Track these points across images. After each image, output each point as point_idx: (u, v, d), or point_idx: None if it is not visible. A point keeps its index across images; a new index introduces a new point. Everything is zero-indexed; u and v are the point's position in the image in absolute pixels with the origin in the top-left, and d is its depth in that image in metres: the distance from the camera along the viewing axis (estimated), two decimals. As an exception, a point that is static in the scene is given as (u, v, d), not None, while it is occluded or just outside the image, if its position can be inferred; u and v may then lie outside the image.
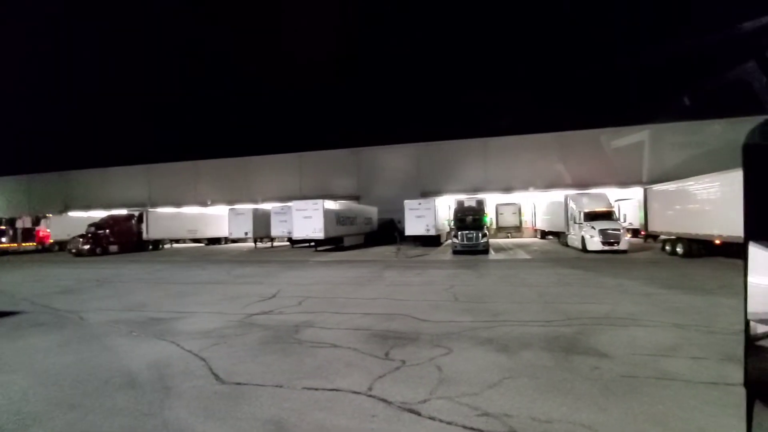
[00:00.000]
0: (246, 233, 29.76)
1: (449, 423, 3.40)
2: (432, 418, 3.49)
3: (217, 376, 4.59)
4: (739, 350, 4.80)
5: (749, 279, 0.59)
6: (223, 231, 33.65)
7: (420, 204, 25.03)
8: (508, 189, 31.74)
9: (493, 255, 19.46)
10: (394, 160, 34.11)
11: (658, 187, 19.66)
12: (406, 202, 25.16)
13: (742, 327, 4.12)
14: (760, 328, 0.59)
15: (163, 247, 31.54)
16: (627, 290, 9.42)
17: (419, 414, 3.57)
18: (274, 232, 28.41)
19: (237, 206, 32.61)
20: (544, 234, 29.37)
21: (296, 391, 4.13)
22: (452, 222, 22.17)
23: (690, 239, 16.26)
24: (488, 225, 23.33)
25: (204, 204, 37.92)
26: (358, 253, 22.71)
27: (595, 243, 18.53)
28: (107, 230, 26.96)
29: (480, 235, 19.85)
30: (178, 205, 37.77)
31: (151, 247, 29.85)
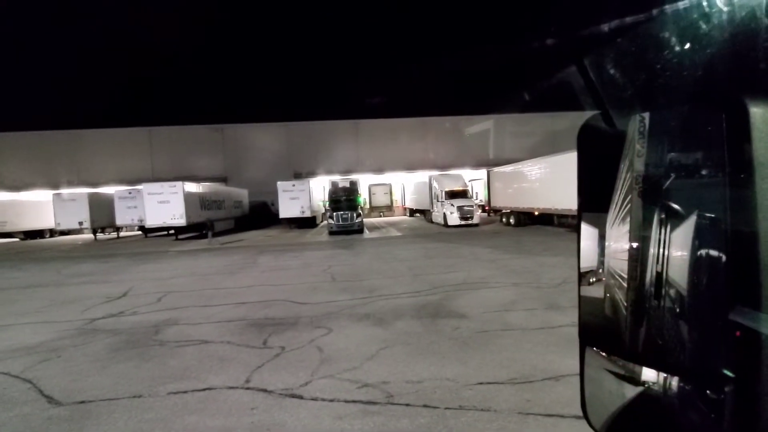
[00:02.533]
0: (80, 223, 24.79)
1: (331, 400, 3.49)
2: (314, 399, 3.52)
3: (50, 398, 3.78)
4: (560, 300, 6.01)
5: (581, 243, 0.72)
6: (46, 221, 27.31)
7: (294, 186, 24.40)
8: (379, 170, 33.21)
9: (367, 234, 20.29)
10: (264, 139, 32.35)
11: (497, 169, 23.48)
12: (279, 183, 24.23)
13: (562, 282, 5.12)
14: (587, 283, 0.73)
15: (-48, 245, 24.11)
16: (479, 258, 10.91)
17: (301, 397, 3.57)
18: (120, 220, 24.33)
19: (66, 190, 26.79)
20: (412, 212, 31.80)
21: (160, 399, 3.69)
22: (327, 203, 22.28)
23: (519, 212, 20.34)
24: (362, 205, 24.15)
25: (13, 189, 30.04)
26: (227, 239, 21.09)
27: (454, 218, 20.88)
28: None
29: (354, 215, 20.44)
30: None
31: (-69, 246, 22.51)
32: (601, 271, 0.71)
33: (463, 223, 20.78)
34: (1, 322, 6.64)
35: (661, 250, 0.58)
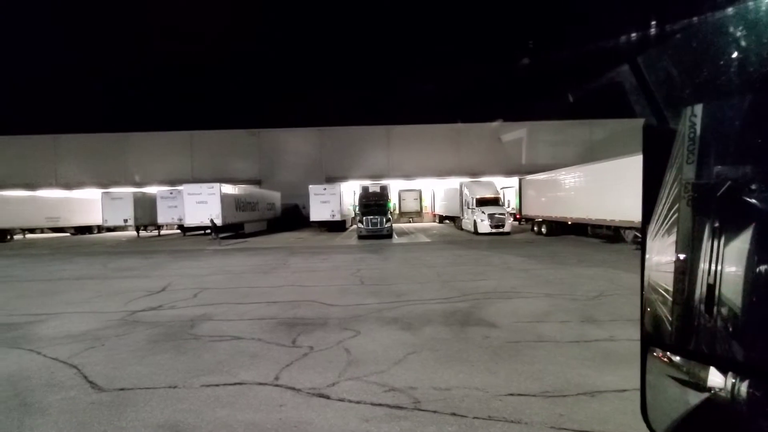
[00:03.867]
0: (125, 220, 26.21)
1: (358, 402, 3.49)
2: (341, 400, 3.53)
3: (94, 384, 4.00)
4: (596, 313, 5.77)
5: (646, 255, 0.68)
6: (95, 218, 29.10)
7: (325, 189, 24.80)
8: (409, 176, 33.19)
9: (396, 239, 20.29)
10: (298, 143, 33.09)
11: (530, 177, 22.96)
12: (311, 187, 24.70)
13: (599, 294, 4.95)
14: (649, 293, 0.69)
15: (11, 238, 26.05)
16: (510, 267, 10.65)
17: (328, 397, 3.59)
18: (162, 218, 25.54)
19: (113, 189, 28.43)
20: (442, 218, 31.54)
21: (194, 390, 3.82)
22: (357, 207, 22.48)
23: (551, 221, 19.73)
24: (392, 210, 24.19)
25: (67, 187, 32.16)
26: (260, 240, 21.68)
27: (485, 226, 20.51)
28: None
29: (384, 220, 20.50)
30: (33, 187, 31.42)
31: (-5, 238, 24.39)
32: (664, 275, 0.67)
33: (493, 231, 20.38)
34: (53, 310, 7.11)
35: (716, 263, 0.55)
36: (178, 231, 27.77)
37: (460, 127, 32.89)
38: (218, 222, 21.03)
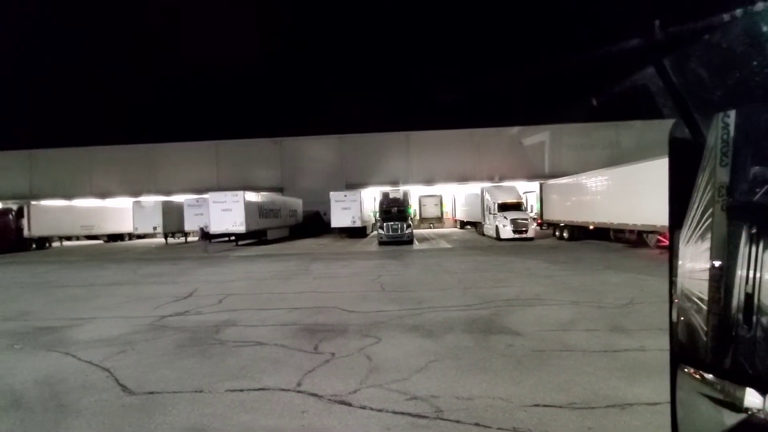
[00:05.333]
0: (154, 228, 27.15)
1: (380, 410, 3.47)
2: (363, 408, 3.53)
3: (125, 387, 4.14)
4: (625, 322, 5.57)
5: (678, 262, 0.66)
6: (126, 226, 30.24)
7: (346, 196, 25.01)
8: (429, 181, 33.10)
9: (417, 245, 20.20)
10: (319, 151, 33.58)
11: (551, 182, 22.58)
12: (331, 194, 24.96)
13: (628, 302, 4.77)
14: (683, 301, 0.66)
15: (50, 245, 27.38)
16: (533, 273, 10.42)
17: (350, 405, 3.59)
18: (188, 226, 26.32)
19: (143, 198, 29.51)
20: (463, 224, 31.21)
21: (219, 395, 3.90)
22: (378, 214, 22.55)
23: (573, 226, 19.43)
24: (412, 216, 24.15)
25: (100, 196, 33.62)
26: (282, 246, 22.01)
27: (507, 231, 20.18)
28: (-27, 227, 22.66)
29: (405, 226, 20.46)
30: (69, 197, 33.01)
31: (35, 246, 25.66)
32: (697, 284, 0.64)
33: (516, 236, 20.02)
34: (87, 315, 7.41)
35: (754, 270, 0.52)
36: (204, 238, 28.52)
37: (481, 132, 32.62)
38: (242, 229, 21.47)
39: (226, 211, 21.60)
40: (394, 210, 21.53)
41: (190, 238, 29.77)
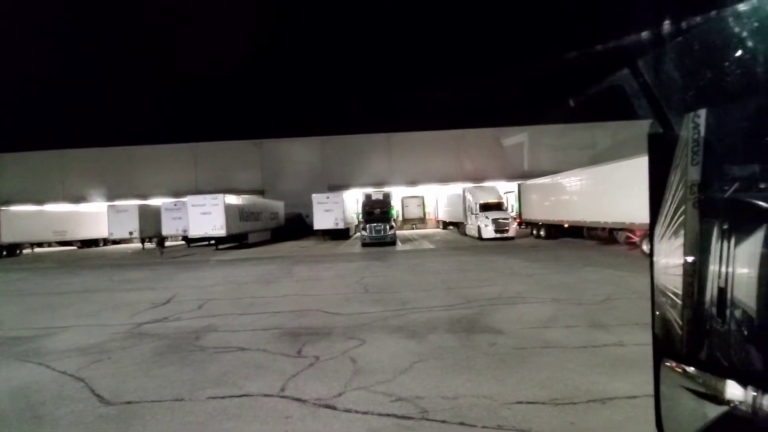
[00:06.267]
0: (131, 233, 26.36)
1: (365, 413, 3.46)
2: (348, 411, 3.51)
3: (101, 398, 3.99)
4: (604, 318, 5.70)
5: (654, 258, 0.67)
6: (101, 231, 29.28)
7: (328, 198, 24.87)
8: (412, 182, 33.24)
9: (400, 246, 20.25)
10: (300, 153, 33.30)
11: (529, 182, 23.13)
12: (314, 196, 24.79)
13: (606, 298, 4.89)
14: (660, 297, 0.67)
15: (21, 252, 26.27)
16: (515, 272, 10.59)
17: (335, 408, 3.56)
18: (166, 230, 25.66)
19: (118, 202, 28.64)
20: (445, 224, 31.46)
21: (200, 403, 3.80)
22: (361, 215, 22.52)
23: (550, 224, 20.00)
24: (395, 217, 24.21)
25: (73, 201, 32.46)
26: (264, 249, 21.71)
27: (489, 231, 20.45)
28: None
29: (387, 227, 20.50)
30: (41, 202, 31.75)
31: (5, 253, 24.58)
32: (672, 279, 0.65)
33: (498, 236, 20.31)
34: (61, 323, 7.13)
35: (726, 265, 0.54)
36: (183, 242, 27.89)
37: (462, 133, 32.98)
38: (222, 233, 21.09)
39: (205, 215, 21.18)
40: (376, 211, 21.54)
41: (169, 243, 29.05)
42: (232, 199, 22.62)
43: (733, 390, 0.54)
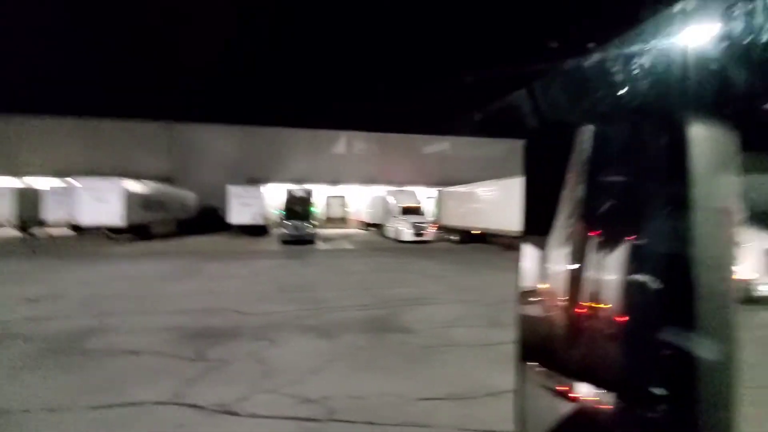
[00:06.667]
0: (9, 220, 22.36)
1: (269, 417, 3.35)
2: (251, 416, 3.36)
3: (-58, 414, 3.32)
4: (503, 317, 6.22)
5: (523, 263, 0.73)
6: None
7: (247, 191, 23.65)
8: (336, 182, 33.05)
9: (320, 245, 20.00)
10: (218, 141, 31.10)
11: (446, 189, 24.67)
12: (231, 188, 23.41)
13: (501, 300, 5.31)
14: (527, 302, 0.74)
15: None
16: (429, 274, 11.10)
17: (237, 414, 3.39)
18: (50, 216, 22.23)
19: (-14, 181, 24.12)
20: (367, 226, 31.79)
21: (78, 413, 3.36)
22: (281, 212, 21.79)
23: (462, 230, 21.53)
24: (317, 216, 23.84)
25: None
26: (171, 243, 19.89)
27: (408, 234, 21.17)
28: None
29: (308, 225, 20.14)
30: None
31: None
32: (541, 290, 0.72)
33: (416, 239, 21.12)
34: None
35: (599, 272, 0.59)
36: (73, 232, 24.34)
37: (387, 136, 33.62)
38: (121, 222, 18.88)
39: (100, 201, 18.76)
40: (298, 208, 21.02)
41: (55, 231, 25.15)
42: (134, 186, 20.39)
43: (583, 389, 0.62)
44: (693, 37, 0.62)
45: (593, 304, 0.60)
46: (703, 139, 0.56)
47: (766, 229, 7.95)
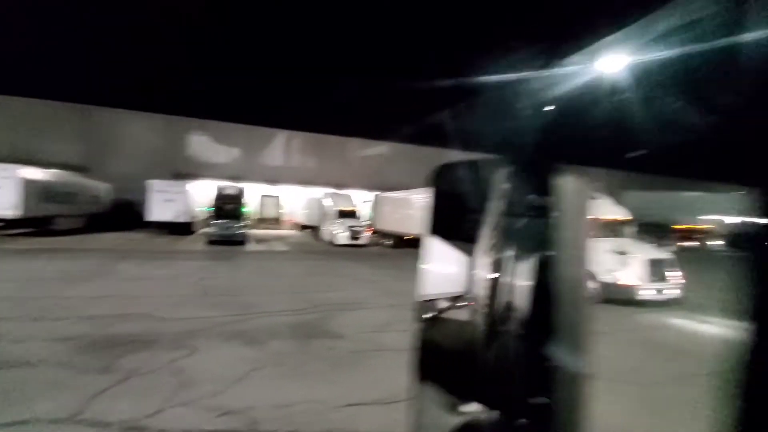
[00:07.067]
0: None
1: None
2: (162, 431, 3.17)
3: None
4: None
5: (421, 282, 0.80)
6: None
7: (170, 186, 22.01)
8: (270, 181, 31.98)
9: (250, 246, 19.22)
10: (140, 130, 28.55)
11: (382, 195, 25.21)
12: (152, 182, 21.64)
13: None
14: (422, 317, 0.80)
15: None
16: (361, 278, 11.21)
17: (144, 430, 3.18)
18: None
19: None
20: (303, 227, 31.16)
21: (-51, 439, 2.92)
22: (209, 209, 20.60)
23: (395, 235, 22.02)
24: (248, 215, 22.89)
25: None
26: (78, 239, 17.84)
27: (343, 238, 21.16)
28: None
29: (238, 225, 19.26)
30: None
31: None
32: (436, 305, 0.78)
33: (351, 242, 21.18)
34: None
35: (483, 291, 0.64)
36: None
37: (326, 138, 33.34)
38: (15, 213, 16.54)
39: (-12, 190, 16.29)
40: (228, 207, 20.01)
41: None
42: (34, 173, 18.01)
43: (471, 406, 0.67)
44: (573, 97, 0.75)
45: (480, 321, 0.65)
46: (565, 183, 0.64)
47: (650, 242, 9.20)
